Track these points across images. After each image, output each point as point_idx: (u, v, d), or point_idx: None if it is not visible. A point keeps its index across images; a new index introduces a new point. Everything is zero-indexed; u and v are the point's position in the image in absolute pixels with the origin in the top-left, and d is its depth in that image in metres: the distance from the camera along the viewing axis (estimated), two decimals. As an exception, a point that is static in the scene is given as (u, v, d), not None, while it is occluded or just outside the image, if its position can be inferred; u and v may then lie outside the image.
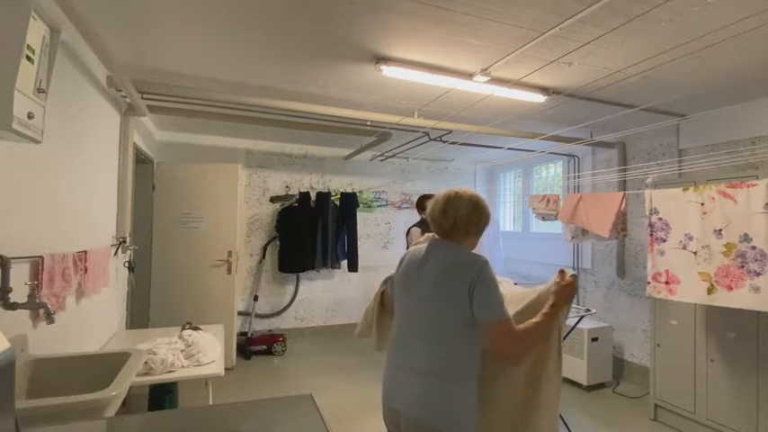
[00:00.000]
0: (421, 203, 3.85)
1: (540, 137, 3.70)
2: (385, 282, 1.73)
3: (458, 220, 1.45)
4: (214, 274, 3.96)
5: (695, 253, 2.56)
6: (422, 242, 1.56)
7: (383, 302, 1.73)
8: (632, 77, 2.55)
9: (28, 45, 1.22)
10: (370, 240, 5.42)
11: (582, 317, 3.13)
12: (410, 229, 3.70)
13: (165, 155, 4.41)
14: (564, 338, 3.51)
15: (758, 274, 2.28)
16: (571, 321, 3.44)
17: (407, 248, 3.51)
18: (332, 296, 5.24)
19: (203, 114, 3.45)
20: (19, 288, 1.47)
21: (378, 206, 5.49)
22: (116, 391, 1.32)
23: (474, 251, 1.47)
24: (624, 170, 3.99)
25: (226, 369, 2.35)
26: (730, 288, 2.39)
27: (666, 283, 2.70)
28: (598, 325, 3.78)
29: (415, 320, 1.42)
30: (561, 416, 3.00)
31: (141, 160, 3.68)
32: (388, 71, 2.46)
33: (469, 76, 2.59)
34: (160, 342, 2.27)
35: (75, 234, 2.09)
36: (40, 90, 1.32)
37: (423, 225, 3.61)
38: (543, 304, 1.48)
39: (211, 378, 2.22)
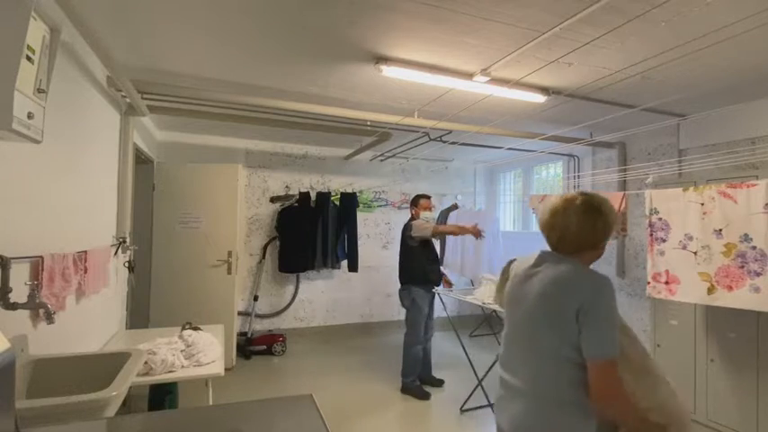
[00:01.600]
0: (416, 203, 3.66)
1: (540, 137, 3.70)
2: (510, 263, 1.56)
3: (566, 234, 1.26)
4: (214, 274, 3.96)
5: (695, 253, 2.56)
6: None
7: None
8: (632, 77, 2.55)
9: (28, 45, 1.21)
10: (370, 240, 5.42)
11: None
12: (414, 223, 3.54)
13: (165, 155, 4.41)
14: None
15: (758, 275, 2.28)
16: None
17: (411, 240, 3.44)
18: (332, 296, 5.23)
19: (203, 114, 3.45)
20: (19, 288, 1.47)
21: (378, 206, 5.49)
22: (116, 391, 1.32)
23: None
24: (624, 170, 3.99)
25: (226, 369, 2.34)
26: (730, 288, 2.39)
27: (666, 283, 2.69)
28: (598, 325, 3.77)
29: (517, 338, 1.31)
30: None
31: (141, 160, 3.68)
32: (388, 71, 2.46)
33: (469, 76, 2.59)
34: (160, 342, 2.26)
35: (76, 234, 2.09)
36: (40, 90, 1.32)
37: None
38: None
39: (211, 378, 2.21)
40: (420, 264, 3.49)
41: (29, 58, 1.23)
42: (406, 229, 3.62)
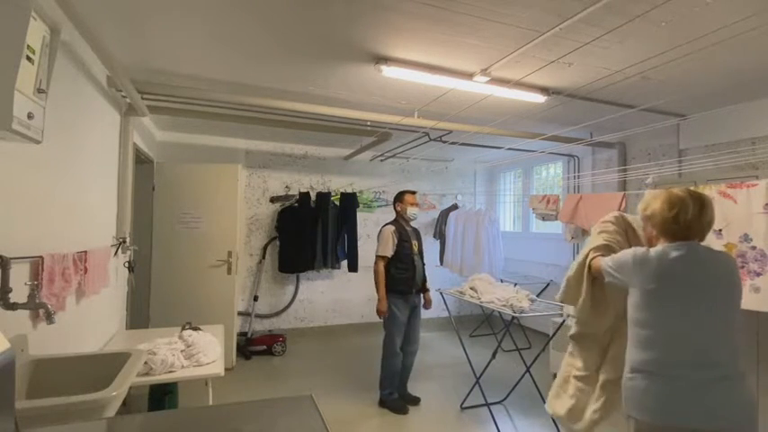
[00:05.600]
0: (400, 199, 3.39)
1: (540, 137, 3.70)
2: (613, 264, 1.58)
3: (706, 226, 1.49)
4: (214, 274, 3.96)
5: (695, 253, 2.56)
6: (669, 247, 1.47)
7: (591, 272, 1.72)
8: (632, 77, 2.55)
9: (28, 45, 1.22)
10: (371, 240, 5.41)
11: (569, 315, 3.13)
12: (383, 228, 3.31)
13: (165, 155, 4.41)
14: (552, 336, 3.54)
15: (758, 275, 2.28)
16: (558, 320, 3.45)
17: (381, 250, 3.28)
18: (332, 296, 5.23)
19: (203, 114, 3.45)
20: (19, 288, 1.47)
21: (378, 206, 5.49)
22: (116, 392, 1.32)
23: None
24: (624, 170, 3.99)
25: (226, 369, 2.34)
26: (730, 288, 2.38)
27: (666, 283, 2.69)
28: (598, 325, 3.76)
29: (710, 330, 1.39)
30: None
31: (141, 160, 3.68)
32: (388, 71, 2.46)
33: (469, 76, 2.59)
34: (160, 342, 2.26)
35: (75, 234, 2.09)
36: (40, 90, 1.32)
37: (397, 224, 3.33)
38: None
39: (211, 378, 2.21)
40: (389, 273, 3.24)
41: (29, 58, 1.23)
42: (380, 233, 3.33)
